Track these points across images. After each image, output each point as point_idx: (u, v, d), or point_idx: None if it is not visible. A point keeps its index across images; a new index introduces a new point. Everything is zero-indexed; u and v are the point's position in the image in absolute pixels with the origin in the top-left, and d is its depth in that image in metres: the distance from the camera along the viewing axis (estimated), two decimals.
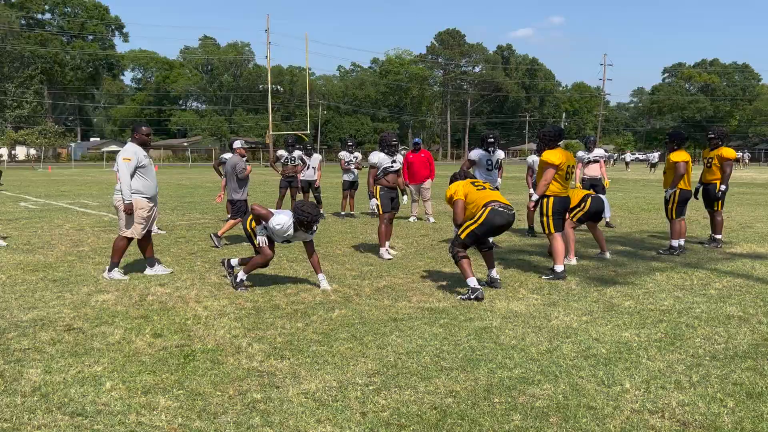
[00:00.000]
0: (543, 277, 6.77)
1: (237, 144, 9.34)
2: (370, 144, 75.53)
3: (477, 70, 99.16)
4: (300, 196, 13.13)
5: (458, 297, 5.82)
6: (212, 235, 8.98)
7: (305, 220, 5.93)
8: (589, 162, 11.33)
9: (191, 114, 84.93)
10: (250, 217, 6.31)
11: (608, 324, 4.96)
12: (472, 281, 5.78)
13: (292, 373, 3.86)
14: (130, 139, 6.88)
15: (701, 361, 4.09)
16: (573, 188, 7.99)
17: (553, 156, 6.72)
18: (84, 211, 13.95)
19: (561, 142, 7.10)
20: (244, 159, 9.22)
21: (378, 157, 8.03)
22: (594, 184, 11.21)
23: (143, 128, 6.85)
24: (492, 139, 8.79)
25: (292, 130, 65.13)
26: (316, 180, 12.79)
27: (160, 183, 10.62)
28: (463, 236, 6.01)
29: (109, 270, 6.73)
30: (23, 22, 72.83)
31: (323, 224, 11.75)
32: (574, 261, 7.65)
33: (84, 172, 39.66)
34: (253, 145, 63.56)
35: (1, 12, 68.06)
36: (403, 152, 10.49)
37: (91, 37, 79.04)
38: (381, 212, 8.04)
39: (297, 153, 12.47)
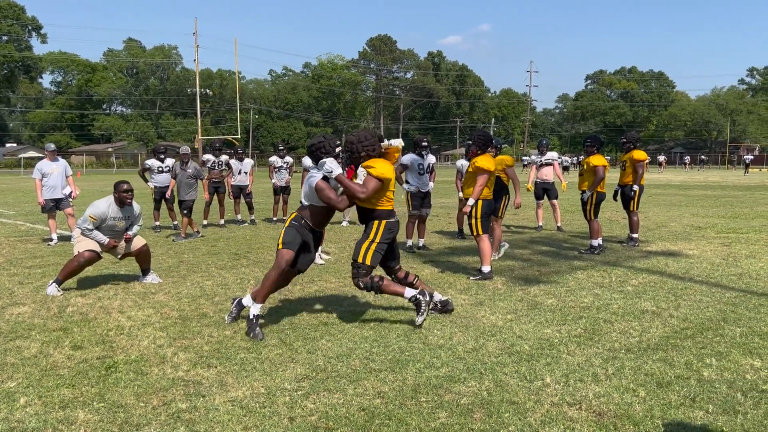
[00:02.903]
0: (471, 278, 6.93)
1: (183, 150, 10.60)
2: (303, 149, 75.00)
3: (409, 75, 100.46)
4: (230, 202, 12.92)
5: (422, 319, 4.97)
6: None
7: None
8: (542, 165, 11.56)
9: (116, 118, 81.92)
10: None
11: (531, 321, 5.14)
12: (410, 292, 5.01)
13: (219, 381, 3.80)
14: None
15: (617, 354, 4.30)
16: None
17: (488, 162, 6.97)
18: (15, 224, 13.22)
19: (490, 148, 7.33)
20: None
21: (308, 163, 8.03)
22: (546, 188, 11.49)
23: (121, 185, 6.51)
24: (425, 143, 8.94)
25: (222, 135, 63.80)
26: (248, 185, 12.60)
27: (82, 191, 10.23)
28: (368, 261, 4.98)
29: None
30: None
31: (255, 230, 11.60)
32: (497, 256, 8.03)
33: None
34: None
35: None
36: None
37: (5, 37, 75.02)
38: None
39: (224, 158, 12.25)
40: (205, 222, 12.11)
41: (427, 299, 4.93)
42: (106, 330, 4.92)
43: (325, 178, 4.94)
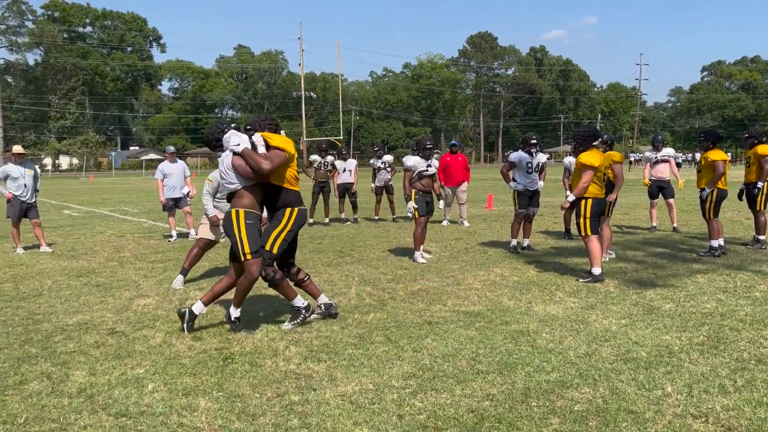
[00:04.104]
0: (580, 280, 6.67)
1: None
2: (402, 149, 75.61)
3: (510, 72, 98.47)
4: (335, 201, 13.23)
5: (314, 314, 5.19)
6: None
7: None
8: (657, 162, 10.92)
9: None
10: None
11: (648, 327, 4.86)
12: (298, 300, 5.02)
13: (329, 376, 3.88)
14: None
15: (746, 365, 3.97)
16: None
17: (592, 158, 6.69)
18: (124, 218, 14.30)
19: (596, 143, 7.03)
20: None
21: (413, 161, 8.04)
22: (662, 186, 10.85)
23: None
24: (534, 141, 8.72)
25: (325, 136, 65.57)
26: (353, 184, 12.85)
27: (197, 190, 10.83)
28: (275, 249, 4.87)
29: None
30: (65, 35, 75.17)
31: (357, 228, 11.81)
32: (607, 257, 7.68)
33: (124, 180, 40.66)
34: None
35: (44, 27, 70.39)
36: (437, 156, 10.44)
37: (129, 48, 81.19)
38: (417, 216, 8.03)
39: (330, 158, 12.55)
40: (310, 220, 12.46)
41: (306, 315, 5.03)
42: (222, 322, 5.18)
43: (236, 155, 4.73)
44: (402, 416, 3.29)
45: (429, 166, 8.05)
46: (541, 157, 8.85)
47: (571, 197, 6.81)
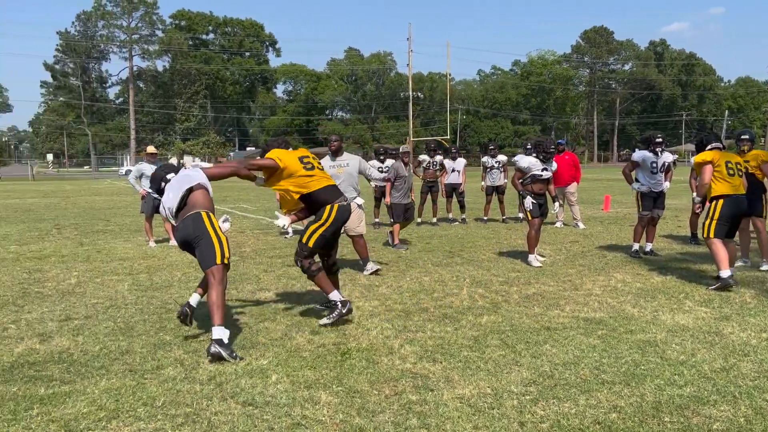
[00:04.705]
0: (709, 287, 6.21)
1: (403, 149, 10.47)
2: (510, 148, 74.14)
3: (627, 67, 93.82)
4: (442, 201, 13.18)
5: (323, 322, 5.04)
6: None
7: None
8: None
9: (336, 123, 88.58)
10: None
11: None
12: (335, 295, 5.02)
13: (446, 377, 3.85)
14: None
15: None
16: None
17: (705, 154, 6.41)
18: (244, 215, 15.04)
19: (714, 144, 6.65)
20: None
21: (528, 162, 7.79)
22: None
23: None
24: (660, 140, 8.24)
25: (431, 136, 65.62)
26: (461, 184, 12.76)
27: None
28: (311, 243, 5.05)
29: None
30: (190, 42, 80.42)
31: (466, 228, 11.70)
32: (741, 263, 7.22)
33: (242, 180, 42.80)
34: (393, 152, 64.84)
35: (172, 35, 75.70)
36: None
37: (248, 53, 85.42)
38: (530, 218, 7.81)
39: (438, 158, 12.50)
40: (419, 220, 12.49)
41: (343, 311, 4.96)
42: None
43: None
44: (523, 423, 3.19)
45: (545, 169, 7.78)
46: (667, 157, 8.33)
47: (697, 198, 6.43)
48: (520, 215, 12.56)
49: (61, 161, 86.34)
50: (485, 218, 13.01)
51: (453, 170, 12.74)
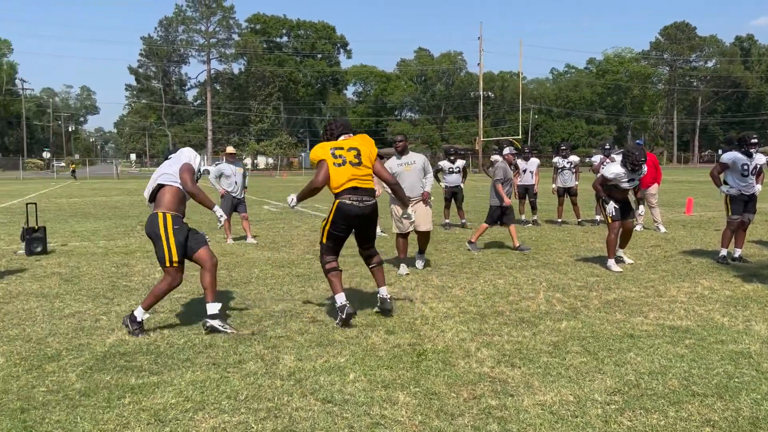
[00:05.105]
0: None
1: (506, 150, 10.11)
2: (584, 148, 72.14)
3: (710, 64, 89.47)
4: (515, 202, 12.95)
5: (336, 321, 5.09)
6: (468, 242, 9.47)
7: None
8: None
9: (405, 124, 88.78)
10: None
11: None
12: (340, 297, 5.07)
13: (525, 383, 3.77)
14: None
15: None
16: None
17: None
18: (315, 215, 15.30)
19: None
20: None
21: (615, 174, 7.46)
22: None
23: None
24: (755, 140, 7.79)
25: (501, 136, 64.68)
26: (534, 185, 12.50)
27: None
28: (323, 239, 5.34)
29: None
30: (265, 45, 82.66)
31: (539, 231, 11.45)
32: None
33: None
34: (462, 152, 64.45)
35: (248, 38, 78.07)
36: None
37: (319, 55, 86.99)
38: (611, 221, 7.55)
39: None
40: (446, 221, 12.35)
41: (342, 316, 4.97)
42: (412, 318, 5.29)
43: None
44: None
45: (631, 180, 7.49)
46: (760, 159, 7.86)
47: None
48: (598, 218, 12.18)
49: (143, 161, 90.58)
50: (559, 220, 12.70)
51: (525, 171, 12.49)
